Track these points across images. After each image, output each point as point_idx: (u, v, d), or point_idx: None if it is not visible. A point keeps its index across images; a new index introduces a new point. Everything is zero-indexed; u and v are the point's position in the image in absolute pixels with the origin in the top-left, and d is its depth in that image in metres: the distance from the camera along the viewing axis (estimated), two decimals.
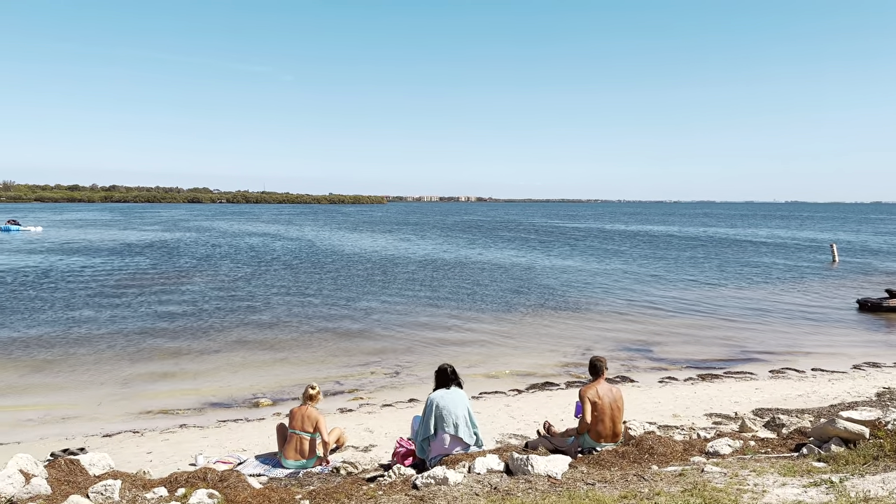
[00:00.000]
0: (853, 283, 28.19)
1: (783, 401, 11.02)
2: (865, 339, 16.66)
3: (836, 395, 11.27)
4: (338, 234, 65.80)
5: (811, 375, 13.01)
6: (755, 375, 13.10)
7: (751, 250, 47.04)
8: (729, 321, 18.78)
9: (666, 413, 10.46)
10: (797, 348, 15.44)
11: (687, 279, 29.11)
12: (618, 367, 13.88)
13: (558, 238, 61.71)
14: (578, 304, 21.87)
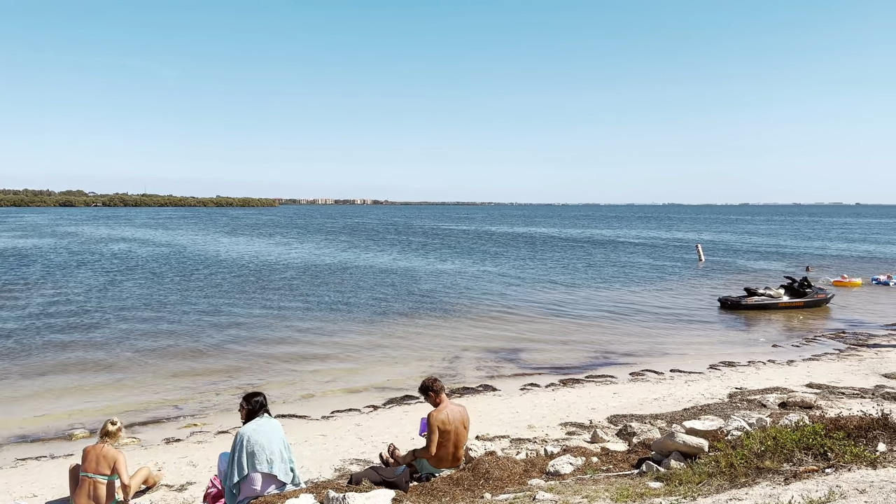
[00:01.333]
0: (717, 281, 29.60)
1: (639, 405, 10.91)
2: (724, 337, 17.19)
3: (691, 398, 11.31)
4: (217, 238, 62.53)
5: (669, 377, 13.10)
6: (615, 379, 13.04)
7: (624, 251, 48.89)
8: (596, 323, 18.94)
9: (522, 424, 10.04)
10: (659, 349, 15.66)
11: (561, 281, 29.51)
12: (482, 376, 13.44)
13: (444, 240, 61.74)
14: (453, 308, 21.44)
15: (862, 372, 12.82)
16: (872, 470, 4.99)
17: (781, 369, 13.40)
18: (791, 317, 20.15)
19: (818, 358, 14.43)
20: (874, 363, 13.56)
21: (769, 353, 15.20)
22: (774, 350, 15.50)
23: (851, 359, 14.16)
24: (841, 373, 12.86)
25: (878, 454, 5.28)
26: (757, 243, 58.90)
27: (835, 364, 13.72)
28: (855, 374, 12.71)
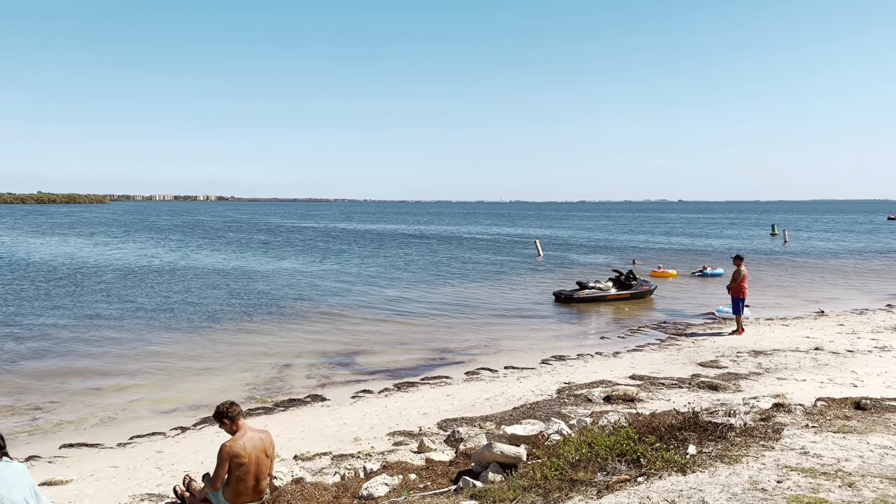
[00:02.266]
0: (554, 275, 30.68)
1: (471, 407, 10.60)
2: (557, 331, 17.55)
3: (522, 396, 11.19)
4: (27, 238, 55.77)
5: (503, 375, 12.99)
6: (450, 380, 12.71)
7: (467, 247, 49.79)
8: (435, 322, 18.67)
9: (348, 437, 9.33)
10: (495, 346, 15.62)
11: (403, 279, 29.18)
12: (312, 385, 12.56)
13: (287, 238, 59.57)
14: (288, 311, 20.27)
15: (680, 361, 13.47)
16: (682, 476, 4.82)
17: (608, 361, 13.77)
18: (619, 308, 21.12)
19: (641, 349, 15.05)
20: (691, 352, 14.33)
21: (597, 345, 15.67)
22: (602, 342, 16.01)
23: (671, 348, 14.89)
24: (661, 363, 13.42)
25: (688, 458, 5.14)
26: (591, 238, 62.57)
27: (656, 354, 14.34)
28: (674, 363, 13.32)
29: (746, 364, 12.89)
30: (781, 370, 12.30)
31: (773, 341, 15.02)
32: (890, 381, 11.05)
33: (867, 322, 17.45)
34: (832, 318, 18.30)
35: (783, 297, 22.93)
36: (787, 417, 6.79)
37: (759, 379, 11.67)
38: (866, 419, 6.91)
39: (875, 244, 52.47)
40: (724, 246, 49.81)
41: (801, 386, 10.97)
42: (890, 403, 7.83)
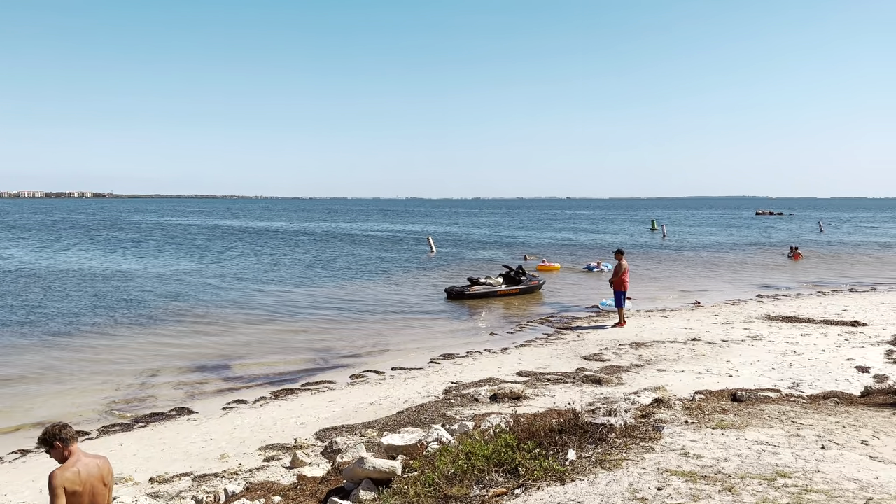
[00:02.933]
0: (446, 272, 30.51)
1: (353, 413, 10.01)
2: (448, 329, 17.24)
3: (408, 398, 10.73)
4: None
5: (390, 377, 12.48)
6: (333, 385, 12.05)
7: (359, 244, 48.87)
8: (320, 323, 17.87)
9: (214, 454, 8.49)
10: (383, 346, 15.08)
11: (288, 278, 28.02)
12: (180, 396, 11.52)
13: (165, 236, 56.17)
14: (161, 315, 18.78)
15: (566, 355, 13.48)
16: (561, 486, 4.48)
17: (496, 358, 13.58)
18: (509, 304, 21.16)
19: (529, 344, 15.00)
20: (576, 346, 14.41)
21: (487, 341, 15.49)
22: (492, 339, 15.85)
23: (558, 342, 14.93)
24: (548, 357, 13.38)
25: (567, 465, 4.83)
26: (484, 234, 63.33)
27: (543, 349, 14.32)
28: (560, 357, 13.31)
29: (628, 356, 13.08)
30: (661, 361, 12.55)
31: (654, 333, 15.41)
32: (762, 370, 11.48)
33: (740, 312, 18.34)
34: (708, 309, 19.12)
35: (662, 290, 23.84)
36: (668, 413, 6.71)
37: (640, 371, 11.83)
38: (742, 412, 6.95)
39: (744, 238, 56.33)
40: (608, 241, 51.73)
41: (680, 377, 11.19)
42: (763, 394, 7.98)
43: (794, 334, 14.67)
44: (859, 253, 40.77)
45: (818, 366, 11.62)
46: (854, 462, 4.70)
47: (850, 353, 12.47)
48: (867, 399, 8.18)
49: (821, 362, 11.89)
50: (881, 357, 12.10)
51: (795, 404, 7.52)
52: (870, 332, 14.67)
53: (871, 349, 12.84)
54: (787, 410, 7.02)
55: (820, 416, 6.79)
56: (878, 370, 11.08)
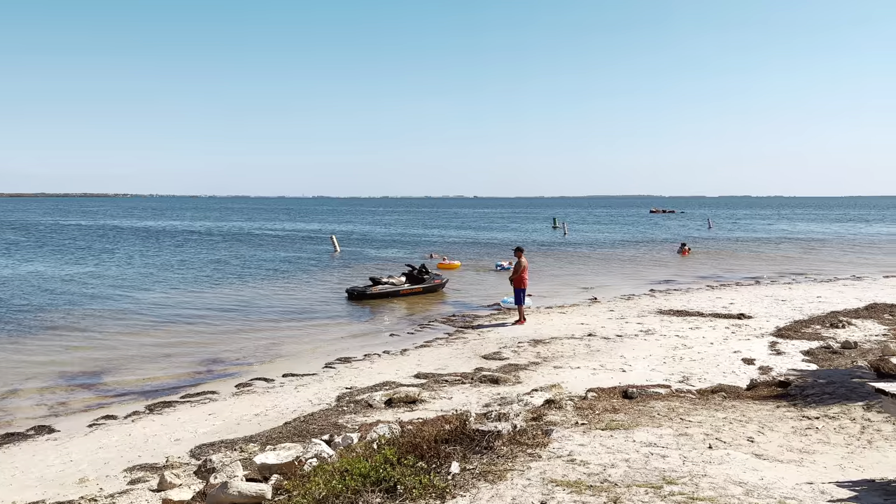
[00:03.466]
0: (350, 272, 29.77)
1: (236, 427, 9.29)
2: (347, 331, 16.63)
3: (298, 407, 10.10)
4: None
5: (280, 384, 11.77)
6: (217, 395, 11.21)
7: (258, 245, 47.12)
8: (209, 328, 16.80)
9: (72, 478, 7.58)
10: (276, 351, 14.30)
11: (176, 281, 26.44)
12: (41, 414, 10.37)
13: (43, 237, 52.03)
14: (29, 322, 17.12)
15: (465, 355, 13.24)
16: None
17: (395, 360, 13.15)
18: (412, 303, 20.78)
19: (430, 344, 14.66)
20: (476, 345, 14.20)
21: (386, 343, 15.03)
22: (391, 340, 15.41)
23: (458, 342, 14.68)
24: (448, 358, 13.09)
25: (449, 480, 4.45)
26: (390, 233, 62.81)
27: (443, 349, 14.02)
28: (459, 357, 13.05)
29: (526, 354, 12.98)
30: (558, 358, 12.52)
31: (552, 329, 15.46)
32: (654, 364, 11.64)
33: (634, 307, 18.79)
34: (604, 305, 19.48)
35: (562, 286, 24.20)
36: (559, 414, 6.50)
37: (538, 369, 11.74)
38: (633, 410, 6.84)
39: (638, 234, 58.71)
40: (511, 239, 52.48)
41: (576, 374, 11.16)
42: (654, 390, 7.95)
43: (685, 328, 15.10)
44: (743, 248, 43.29)
45: (707, 359, 11.93)
46: (740, 462, 4.59)
47: (737, 346, 12.90)
48: (753, 392, 8.35)
49: (710, 355, 12.21)
50: (765, 349, 12.58)
51: (685, 400, 7.53)
52: (755, 324, 15.31)
53: (756, 341, 13.35)
54: (676, 407, 6.99)
55: (708, 411, 6.79)
56: (763, 362, 11.47)
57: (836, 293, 20.63)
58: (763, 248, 43.33)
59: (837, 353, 11.78)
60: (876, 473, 4.51)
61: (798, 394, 7.74)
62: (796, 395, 7.73)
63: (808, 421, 6.21)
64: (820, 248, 42.95)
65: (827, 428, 5.87)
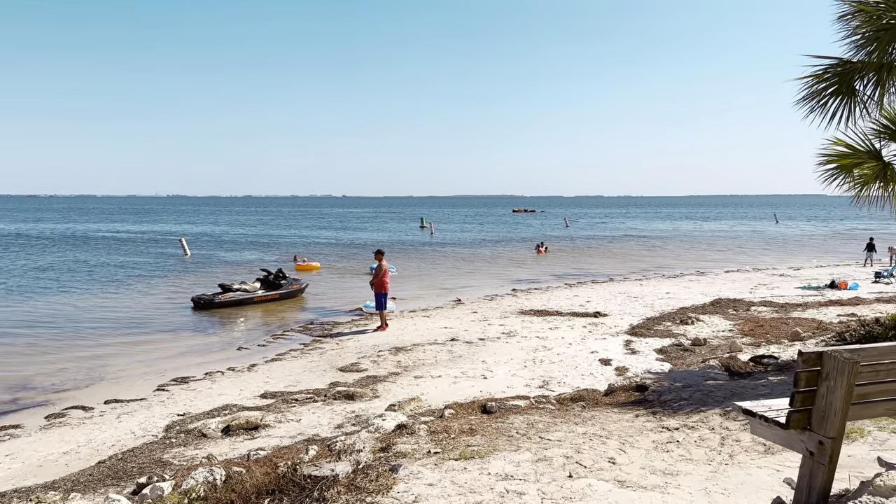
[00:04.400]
0: (199, 277, 27.59)
1: (38, 469, 7.78)
2: (189, 346, 15.05)
3: (117, 441, 8.70)
4: None
5: (100, 413, 10.20)
6: (20, 430, 9.49)
7: (98, 248, 42.91)
8: (20, 347, 14.54)
9: None
10: (100, 373, 12.54)
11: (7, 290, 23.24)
12: None
13: None
14: None
15: (321, 368, 12.29)
16: None
17: (240, 378, 11.91)
18: (267, 311, 19.40)
19: (282, 357, 13.53)
20: (334, 355, 13.28)
21: (232, 358, 13.70)
22: (239, 354, 14.09)
23: (314, 353, 13.67)
24: (301, 372, 12.07)
25: None
26: (249, 234, 59.83)
27: (297, 362, 12.96)
28: (314, 371, 12.08)
29: (387, 364, 12.26)
30: (419, 367, 11.91)
31: (415, 335, 14.85)
32: (515, 368, 11.32)
33: (496, 307, 18.64)
34: (468, 306, 19.19)
35: (427, 288, 23.77)
36: (410, 442, 5.79)
37: (398, 380, 11.05)
38: (491, 428, 6.29)
39: (502, 233, 60.04)
40: (377, 239, 51.71)
41: (437, 383, 10.59)
42: (513, 402, 7.48)
43: (545, 328, 15.04)
44: (597, 246, 45.32)
45: (566, 360, 11.79)
46: (603, 496, 4.10)
47: (594, 346, 12.92)
48: (611, 398, 8.12)
49: (568, 356, 12.10)
50: (621, 348, 12.67)
51: (544, 413, 7.11)
52: (610, 322, 15.56)
53: (612, 340, 13.47)
54: (535, 422, 6.53)
55: (568, 426, 6.38)
56: (619, 362, 11.48)
57: (683, 289, 21.72)
58: (615, 246, 45.60)
59: (689, 350, 12.07)
60: (741, 497, 4.18)
61: (656, 399, 7.57)
62: (654, 400, 7.56)
63: (669, 433, 5.93)
64: (664, 246, 45.91)
65: (688, 441, 5.59)
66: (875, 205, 10.01)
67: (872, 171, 9.76)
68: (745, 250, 41.71)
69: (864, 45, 8.52)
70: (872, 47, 8.40)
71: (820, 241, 50.48)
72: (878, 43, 8.17)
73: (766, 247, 44.69)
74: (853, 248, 38.08)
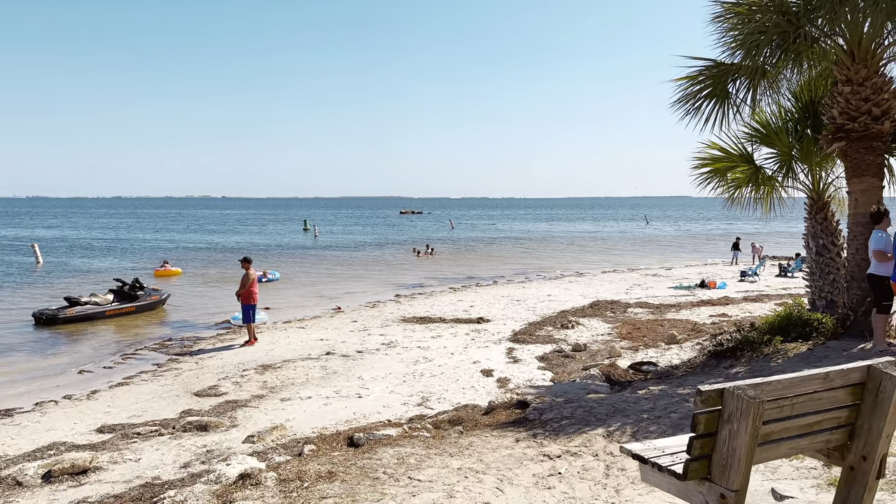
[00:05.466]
0: (52, 289, 24.73)
1: None
2: (22, 370, 13.09)
3: None
4: None
5: None
6: None
7: None
8: None
9: None
10: None
11: None
12: None
13: None
14: None
15: (174, 393, 10.91)
16: None
17: (76, 408, 10.33)
18: (122, 326, 17.48)
19: (130, 381, 11.97)
20: (191, 377, 11.91)
21: (72, 383, 11.98)
22: (80, 378, 12.36)
23: (169, 375, 12.22)
24: (150, 398, 10.65)
25: None
26: (112, 238, 55.36)
27: (147, 386, 11.48)
28: (165, 397, 10.69)
29: (251, 385, 11.09)
30: (288, 387, 10.85)
31: (287, 349, 13.72)
32: (393, 384, 10.55)
33: (378, 315, 17.79)
34: (348, 315, 18.22)
35: (307, 295, 22.54)
36: (256, 496, 4.85)
37: (262, 404, 9.95)
38: (354, 468, 5.44)
39: (389, 236, 59.18)
40: (258, 243, 49.36)
41: (306, 406, 9.61)
42: (383, 433, 6.68)
43: (427, 337, 14.38)
44: (482, 248, 45.55)
45: (447, 373, 11.16)
46: None
47: (477, 355, 12.39)
48: (491, 417, 7.52)
49: (450, 368, 11.48)
50: (503, 357, 12.21)
51: (417, 442, 6.36)
52: (493, 328, 15.14)
53: (494, 348, 13.00)
54: (407, 457, 5.77)
55: (442, 459, 5.67)
56: (501, 372, 10.99)
57: (563, 290, 21.84)
58: (499, 248, 46.04)
59: (570, 356, 11.79)
60: None
61: (537, 419, 7.03)
62: (535, 420, 7.02)
63: (551, 462, 5.36)
64: (544, 247, 46.91)
65: (571, 473, 5.03)
66: (748, 207, 10.12)
67: (745, 175, 9.83)
68: (619, 251, 43.33)
69: (738, 48, 8.45)
70: (745, 50, 8.34)
71: (689, 241, 53.52)
72: (750, 46, 8.10)
73: (636, 248, 46.68)
74: (722, 248, 40.43)
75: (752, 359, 8.63)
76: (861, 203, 8.15)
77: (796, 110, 9.48)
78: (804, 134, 9.30)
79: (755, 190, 9.95)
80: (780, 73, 8.72)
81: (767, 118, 9.54)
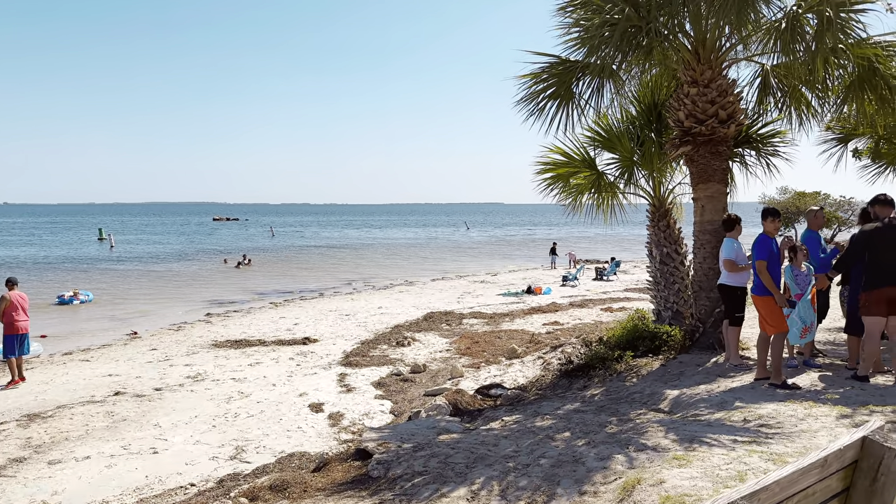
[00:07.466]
0: None
1: None
2: None
3: None
4: None
5: None
6: None
7: None
8: None
9: None
10: None
11: None
12: None
13: None
14: None
15: None
16: None
17: None
18: None
19: None
20: None
21: None
22: None
23: None
24: None
25: None
26: None
27: None
28: None
29: (8, 444, 8.59)
30: (61, 443, 8.55)
31: (63, 391, 11.13)
32: (199, 432, 8.69)
33: (184, 340, 15.43)
34: (146, 341, 15.62)
35: (95, 319, 19.26)
36: None
37: (22, 469, 7.65)
38: None
39: (199, 246, 54.46)
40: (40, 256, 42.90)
41: (83, 470, 7.50)
42: None
43: (244, 364, 12.51)
44: (306, 257, 43.31)
45: (268, 410, 9.51)
46: None
47: (303, 385, 10.82)
48: (324, 476, 6.11)
49: (271, 404, 9.83)
50: (334, 385, 10.76)
51: None
52: (321, 349, 13.61)
53: (324, 374, 11.50)
54: None
55: None
56: (333, 405, 9.57)
57: (395, 301, 20.77)
58: (324, 256, 44.10)
59: (408, 380, 10.67)
60: None
61: (383, 475, 5.73)
62: (380, 476, 5.72)
63: None
64: (371, 254, 45.81)
65: None
66: (589, 213, 9.66)
67: (587, 181, 9.33)
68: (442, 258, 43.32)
69: (584, 44, 7.82)
70: (591, 46, 7.72)
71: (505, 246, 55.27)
72: (599, 41, 7.48)
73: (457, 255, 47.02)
74: (540, 252, 41.89)
75: (606, 378, 8.06)
76: (708, 210, 7.91)
77: (638, 114, 9.17)
78: (647, 138, 9.00)
79: (597, 196, 9.51)
80: (627, 72, 8.28)
81: (610, 122, 9.13)
